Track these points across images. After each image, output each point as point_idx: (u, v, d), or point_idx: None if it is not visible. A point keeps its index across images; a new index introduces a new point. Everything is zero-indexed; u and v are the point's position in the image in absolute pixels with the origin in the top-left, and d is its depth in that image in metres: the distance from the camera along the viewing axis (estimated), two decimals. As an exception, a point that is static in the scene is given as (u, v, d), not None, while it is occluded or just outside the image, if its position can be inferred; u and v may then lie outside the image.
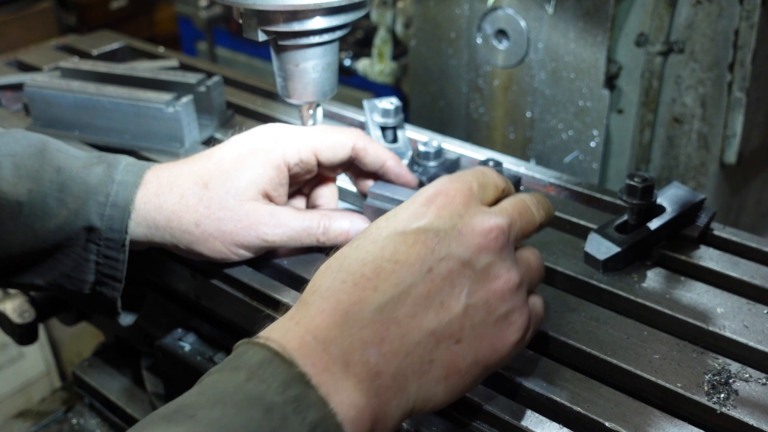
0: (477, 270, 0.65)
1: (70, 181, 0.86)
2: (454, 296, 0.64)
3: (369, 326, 0.62)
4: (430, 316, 0.63)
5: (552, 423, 0.72)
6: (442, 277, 0.64)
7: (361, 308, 0.62)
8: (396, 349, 0.62)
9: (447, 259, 0.65)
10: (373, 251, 0.65)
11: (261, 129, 0.91)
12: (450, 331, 0.64)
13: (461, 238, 0.66)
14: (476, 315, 0.65)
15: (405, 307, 0.63)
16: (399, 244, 0.65)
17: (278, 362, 0.59)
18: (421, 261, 0.64)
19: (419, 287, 0.64)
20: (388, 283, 0.63)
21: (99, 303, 0.91)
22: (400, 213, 0.69)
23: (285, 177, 0.89)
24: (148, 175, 0.87)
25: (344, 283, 0.64)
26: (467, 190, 0.70)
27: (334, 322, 0.61)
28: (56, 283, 0.89)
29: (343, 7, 0.91)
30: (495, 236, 0.67)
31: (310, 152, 0.89)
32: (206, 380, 0.60)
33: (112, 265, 0.86)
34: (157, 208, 0.85)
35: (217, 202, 0.85)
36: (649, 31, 1.20)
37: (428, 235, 0.65)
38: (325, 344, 0.60)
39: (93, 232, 0.85)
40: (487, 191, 0.72)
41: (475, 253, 0.66)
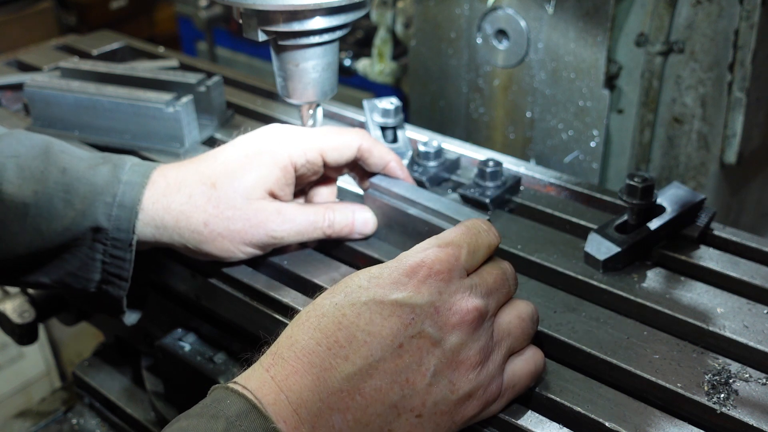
0: (446, 350, 0.67)
1: (76, 182, 0.86)
2: (420, 373, 0.66)
3: (336, 394, 0.64)
4: (395, 390, 0.65)
5: (552, 423, 0.72)
6: (411, 354, 0.66)
7: (332, 375, 0.64)
8: (358, 418, 0.64)
9: (418, 337, 0.66)
10: (350, 316, 0.67)
11: (267, 129, 0.91)
12: (411, 405, 0.66)
13: (437, 316, 0.67)
14: (439, 393, 0.67)
15: (372, 379, 0.65)
16: (375, 315, 0.67)
17: (255, 416, 0.61)
18: (393, 336, 0.66)
19: (387, 362, 0.66)
20: (359, 355, 0.65)
21: (104, 302, 0.91)
22: (383, 275, 0.69)
23: (291, 177, 0.89)
24: (154, 176, 0.87)
25: (319, 346, 0.66)
26: (453, 261, 0.70)
27: (305, 385, 0.64)
28: (62, 281, 0.89)
29: (343, 7, 0.91)
30: (471, 318, 0.68)
31: (317, 153, 0.89)
32: (184, 424, 0.62)
33: (119, 264, 0.87)
34: (165, 208, 0.86)
35: (226, 201, 0.86)
36: (649, 31, 1.20)
37: (404, 309, 0.67)
38: (297, 406, 0.63)
39: (100, 232, 0.85)
40: (477, 256, 0.73)
41: (447, 333, 0.67)
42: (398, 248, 0.93)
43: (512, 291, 0.75)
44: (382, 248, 0.94)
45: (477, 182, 1.02)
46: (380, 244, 0.95)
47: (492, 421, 0.73)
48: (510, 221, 0.99)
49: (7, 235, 0.86)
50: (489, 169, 1.01)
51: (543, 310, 0.83)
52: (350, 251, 0.95)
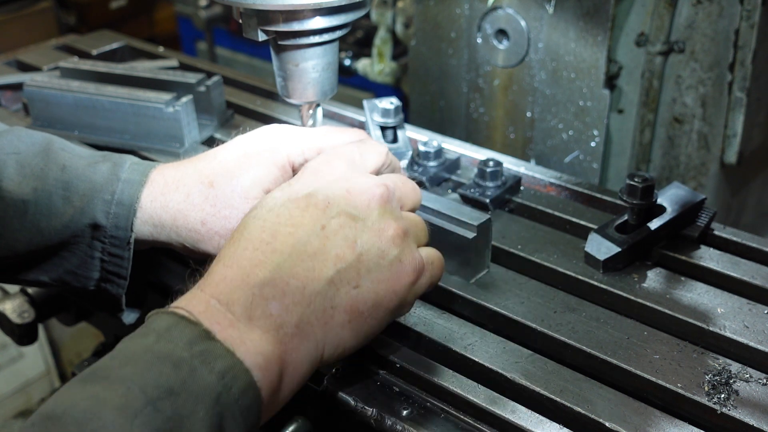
0: (367, 222, 0.72)
1: (75, 180, 0.86)
2: (348, 246, 0.71)
3: (270, 284, 0.67)
4: (328, 266, 0.69)
5: (552, 423, 0.72)
6: (335, 232, 0.71)
7: (262, 269, 0.68)
8: (297, 300, 0.67)
9: (338, 216, 0.72)
10: (270, 218, 0.71)
11: (265, 129, 0.91)
12: (347, 277, 0.70)
13: (349, 197, 0.73)
14: (370, 261, 0.71)
15: (303, 262, 0.69)
16: (293, 210, 0.72)
17: (184, 324, 0.64)
18: (314, 221, 0.71)
19: (314, 243, 0.70)
20: (285, 244, 0.69)
21: (104, 300, 0.91)
22: (293, 183, 0.76)
23: (289, 177, 0.89)
24: (153, 174, 0.87)
25: (245, 250, 0.69)
26: (349, 157, 0.78)
27: (235, 285, 0.67)
28: (61, 279, 0.89)
29: (343, 7, 0.91)
30: (380, 192, 0.74)
31: (315, 152, 0.89)
32: (118, 347, 0.64)
33: (117, 263, 0.87)
34: (163, 206, 0.86)
35: (223, 200, 0.86)
36: (650, 31, 1.20)
37: (318, 197, 0.73)
38: (228, 305, 0.66)
39: (98, 229, 0.85)
40: (369, 158, 0.80)
41: (364, 209, 0.73)
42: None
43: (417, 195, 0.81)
44: (382, 248, 0.94)
45: (477, 182, 1.02)
46: (380, 244, 0.94)
47: (492, 421, 0.73)
48: (510, 221, 0.99)
49: (7, 232, 0.86)
50: (489, 169, 1.01)
51: (543, 310, 0.83)
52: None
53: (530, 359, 0.78)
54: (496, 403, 0.74)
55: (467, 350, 0.79)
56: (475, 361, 0.78)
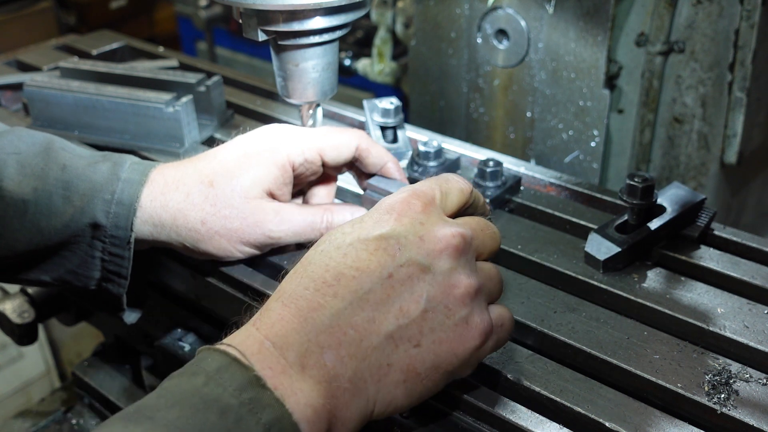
0: (437, 275, 0.67)
1: (75, 179, 0.86)
2: (413, 301, 0.66)
3: (326, 331, 0.63)
4: (389, 320, 0.65)
5: (552, 423, 0.72)
6: (402, 282, 0.66)
7: (320, 314, 0.64)
8: (353, 353, 0.63)
9: (407, 265, 0.66)
10: (336, 257, 0.67)
11: (266, 129, 0.91)
12: (408, 334, 0.65)
13: (422, 244, 0.68)
14: (435, 319, 0.66)
15: (363, 312, 0.64)
16: (361, 251, 0.67)
17: (236, 367, 0.60)
18: (382, 267, 0.66)
19: (378, 292, 0.65)
20: (348, 290, 0.65)
21: (105, 299, 0.91)
22: (366, 220, 0.70)
23: (289, 177, 0.89)
24: (153, 174, 0.87)
25: (306, 290, 0.65)
26: (429, 198, 0.72)
27: (292, 328, 0.63)
28: (62, 279, 0.90)
29: (343, 7, 0.91)
30: (456, 243, 0.68)
31: (315, 153, 0.90)
32: (166, 384, 0.62)
33: (118, 262, 0.87)
34: (163, 206, 0.86)
35: (223, 200, 0.86)
36: (650, 30, 1.20)
37: (389, 242, 0.67)
38: (282, 349, 0.62)
39: (98, 229, 0.85)
40: (451, 197, 0.75)
41: (435, 259, 0.67)
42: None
43: (496, 244, 0.75)
44: (382, 248, 0.94)
45: (477, 182, 1.02)
46: (380, 244, 0.94)
47: (492, 421, 0.73)
48: (510, 221, 0.99)
49: (7, 232, 0.86)
50: (489, 169, 1.01)
51: (543, 310, 0.83)
52: (350, 251, 0.95)
53: (530, 359, 0.78)
54: (496, 403, 0.74)
55: (467, 350, 0.79)
56: (475, 361, 0.78)
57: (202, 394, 0.59)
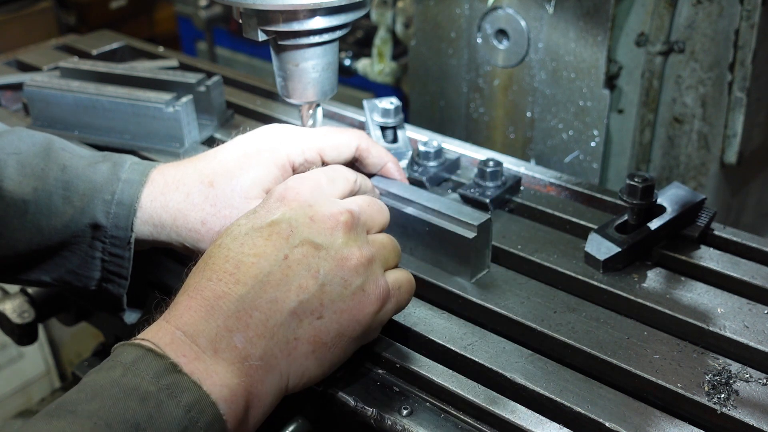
0: (330, 250, 0.72)
1: (75, 180, 0.86)
2: (311, 277, 0.70)
3: (233, 316, 0.67)
4: (291, 297, 0.69)
5: (552, 423, 0.72)
6: (298, 262, 0.70)
7: (226, 301, 0.68)
8: (261, 333, 0.68)
9: (301, 245, 0.71)
10: (234, 248, 0.71)
11: (266, 129, 0.91)
12: (310, 308, 0.70)
13: (313, 224, 0.73)
14: (333, 291, 0.71)
15: (266, 293, 0.69)
16: (257, 239, 0.72)
17: (151, 357, 0.64)
18: (277, 250, 0.71)
19: (277, 274, 0.70)
20: (248, 275, 0.69)
21: (105, 300, 0.91)
22: (258, 210, 0.75)
23: (289, 176, 0.89)
24: (153, 174, 0.88)
25: (209, 281, 0.69)
26: (314, 183, 0.77)
27: (200, 316, 0.67)
28: (63, 279, 0.90)
29: (343, 7, 0.91)
30: (344, 219, 0.73)
31: (315, 153, 0.90)
32: (84, 380, 0.64)
33: (118, 263, 0.87)
34: (163, 206, 0.86)
35: (223, 200, 0.86)
36: (650, 31, 1.20)
37: (282, 226, 0.72)
38: (193, 337, 0.66)
39: (99, 229, 0.85)
40: (337, 184, 0.80)
41: (327, 236, 0.72)
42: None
43: (384, 216, 0.80)
44: (382, 248, 0.94)
45: (477, 182, 1.02)
46: (380, 244, 0.94)
47: (493, 421, 0.73)
48: (510, 221, 0.99)
49: (8, 232, 0.86)
50: (489, 169, 1.01)
51: (543, 310, 0.83)
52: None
53: (530, 359, 0.78)
54: (496, 403, 0.73)
55: (467, 350, 0.79)
56: (475, 361, 0.78)
57: (121, 385, 0.61)
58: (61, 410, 0.60)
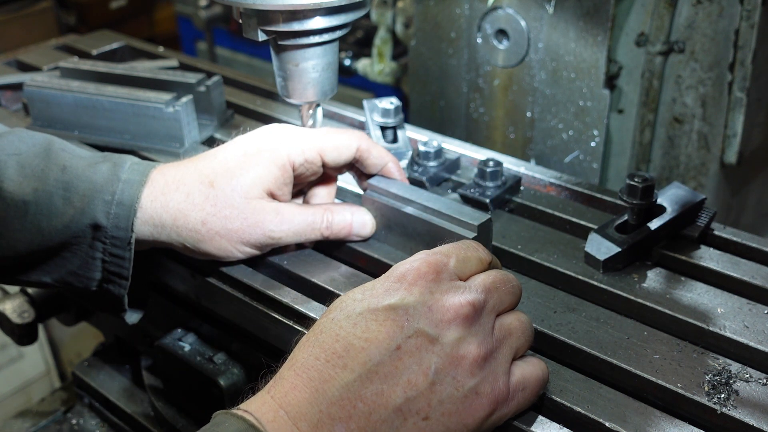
0: (445, 346, 0.66)
1: (75, 180, 0.86)
2: (421, 373, 0.65)
3: (337, 403, 0.64)
4: (397, 392, 0.65)
5: (552, 423, 0.72)
6: (410, 354, 0.65)
7: (331, 386, 0.64)
8: (362, 426, 0.64)
9: (415, 336, 0.66)
10: (346, 327, 0.67)
11: (266, 129, 0.91)
12: (417, 407, 0.65)
13: (431, 314, 0.67)
14: (443, 391, 0.66)
15: (372, 384, 0.64)
16: (370, 322, 0.67)
17: None
18: (390, 339, 0.66)
19: (387, 365, 0.65)
20: (357, 361, 0.65)
21: (106, 300, 0.91)
22: (377, 287, 0.70)
23: (290, 177, 0.90)
24: (153, 174, 0.87)
25: (317, 360, 0.66)
26: (441, 265, 0.71)
27: (304, 398, 0.64)
28: (64, 280, 0.90)
29: (343, 7, 0.91)
30: (465, 312, 0.67)
31: (316, 153, 0.90)
32: None
33: (119, 263, 0.87)
34: (164, 206, 0.86)
35: (224, 200, 0.86)
36: (650, 31, 1.20)
37: (398, 312, 0.67)
38: (296, 419, 0.63)
39: (99, 230, 0.85)
40: (468, 265, 0.73)
41: (443, 330, 0.67)
42: (398, 249, 0.93)
43: (516, 298, 0.74)
44: (382, 249, 0.94)
45: (477, 182, 1.02)
46: (380, 245, 0.94)
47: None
48: (510, 221, 0.99)
49: (8, 233, 0.86)
50: (489, 169, 1.01)
51: (543, 310, 0.83)
52: (350, 251, 0.95)
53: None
54: (496, 403, 0.73)
55: (467, 350, 0.79)
56: (475, 361, 0.78)
57: None
58: None
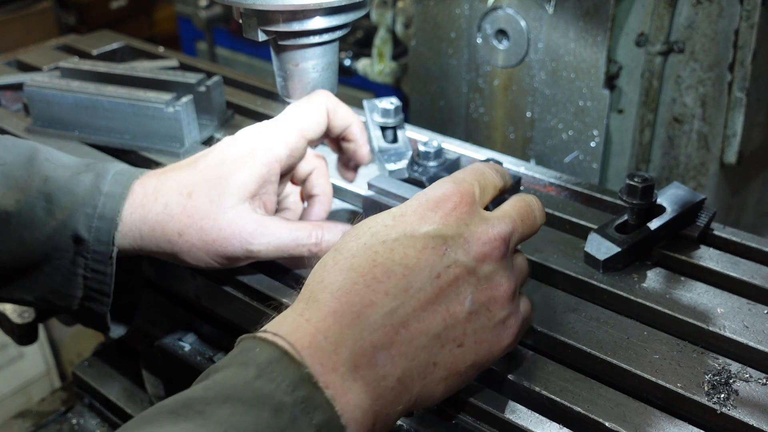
0: (481, 277, 0.68)
1: (57, 192, 0.85)
2: (459, 302, 0.66)
3: (380, 330, 0.63)
4: (437, 320, 0.65)
5: (552, 423, 0.72)
6: (449, 284, 0.66)
7: (374, 311, 0.63)
8: (404, 353, 0.63)
9: (454, 267, 0.66)
10: (383, 253, 0.66)
11: (245, 132, 0.89)
12: (454, 335, 0.66)
13: (467, 246, 0.68)
14: (478, 321, 0.67)
15: (414, 312, 0.64)
16: (409, 248, 0.66)
17: (287, 361, 0.59)
18: (431, 267, 0.66)
19: (428, 292, 0.65)
20: (399, 288, 0.64)
21: (89, 318, 0.90)
22: (408, 214, 0.69)
23: (275, 174, 0.87)
24: (135, 186, 0.86)
25: (356, 284, 0.64)
26: (471, 195, 0.71)
27: (345, 324, 0.62)
28: (45, 298, 0.88)
29: (343, 7, 0.91)
30: (498, 246, 0.69)
31: (298, 138, 0.88)
32: (214, 375, 0.60)
33: (100, 279, 0.86)
34: (142, 218, 0.84)
35: (201, 211, 0.84)
36: (650, 31, 1.20)
37: (437, 241, 0.67)
38: (336, 345, 0.61)
39: (81, 244, 0.84)
40: (487, 193, 0.74)
41: (479, 262, 0.68)
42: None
43: (537, 221, 0.75)
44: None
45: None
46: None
47: (492, 421, 0.73)
48: (510, 221, 0.99)
49: None
50: (489, 169, 1.01)
51: (543, 310, 0.83)
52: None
53: (530, 359, 0.78)
54: (496, 403, 0.74)
55: (467, 350, 0.79)
56: (475, 361, 0.78)
57: (254, 389, 0.57)
58: (189, 410, 0.56)
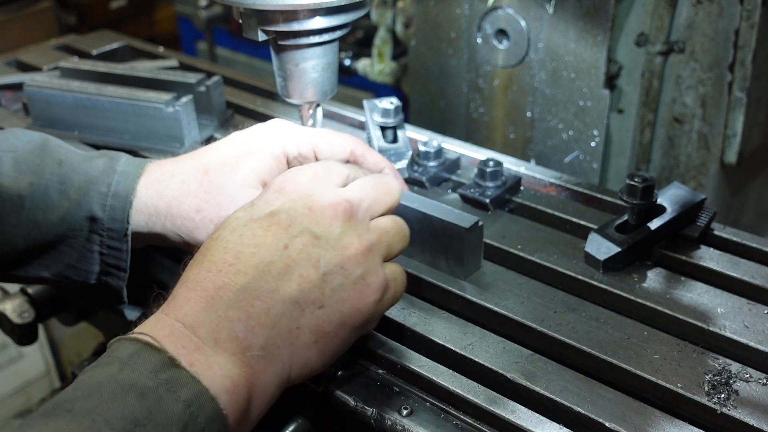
0: (330, 240, 0.72)
1: (71, 173, 0.87)
2: (311, 266, 0.70)
3: (234, 305, 0.67)
4: (292, 286, 0.69)
5: (552, 423, 0.72)
6: (298, 251, 0.70)
7: (226, 291, 0.67)
8: (263, 322, 0.67)
9: (300, 235, 0.71)
10: (233, 239, 0.71)
11: (263, 124, 0.92)
12: (312, 297, 0.70)
13: (311, 214, 0.72)
14: (334, 280, 0.71)
15: (267, 283, 0.68)
16: (256, 230, 0.71)
17: (148, 351, 0.63)
18: (277, 240, 0.70)
19: (278, 263, 0.69)
20: (249, 265, 0.69)
21: (105, 294, 0.92)
22: (256, 202, 0.75)
23: (284, 168, 0.89)
24: (150, 166, 0.88)
25: (209, 272, 0.69)
26: (312, 174, 0.77)
27: (200, 307, 0.66)
28: (62, 274, 0.90)
29: (343, 7, 0.91)
30: (343, 209, 0.73)
31: (310, 148, 0.90)
32: (80, 377, 0.63)
33: (116, 255, 0.87)
34: (159, 193, 0.86)
35: (218, 187, 0.86)
36: (650, 31, 1.20)
37: (281, 216, 0.72)
38: (193, 328, 0.65)
39: (95, 222, 0.86)
40: (332, 177, 0.78)
41: (326, 226, 0.72)
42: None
43: (391, 197, 0.79)
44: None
45: (477, 182, 1.02)
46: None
47: (493, 421, 0.73)
48: (510, 221, 0.99)
49: (5, 227, 0.86)
50: (489, 169, 1.01)
51: (543, 310, 0.83)
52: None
53: (530, 359, 0.78)
54: (496, 403, 0.74)
55: (467, 350, 0.79)
56: (475, 361, 0.78)
57: (118, 381, 0.60)
58: (58, 409, 0.59)
